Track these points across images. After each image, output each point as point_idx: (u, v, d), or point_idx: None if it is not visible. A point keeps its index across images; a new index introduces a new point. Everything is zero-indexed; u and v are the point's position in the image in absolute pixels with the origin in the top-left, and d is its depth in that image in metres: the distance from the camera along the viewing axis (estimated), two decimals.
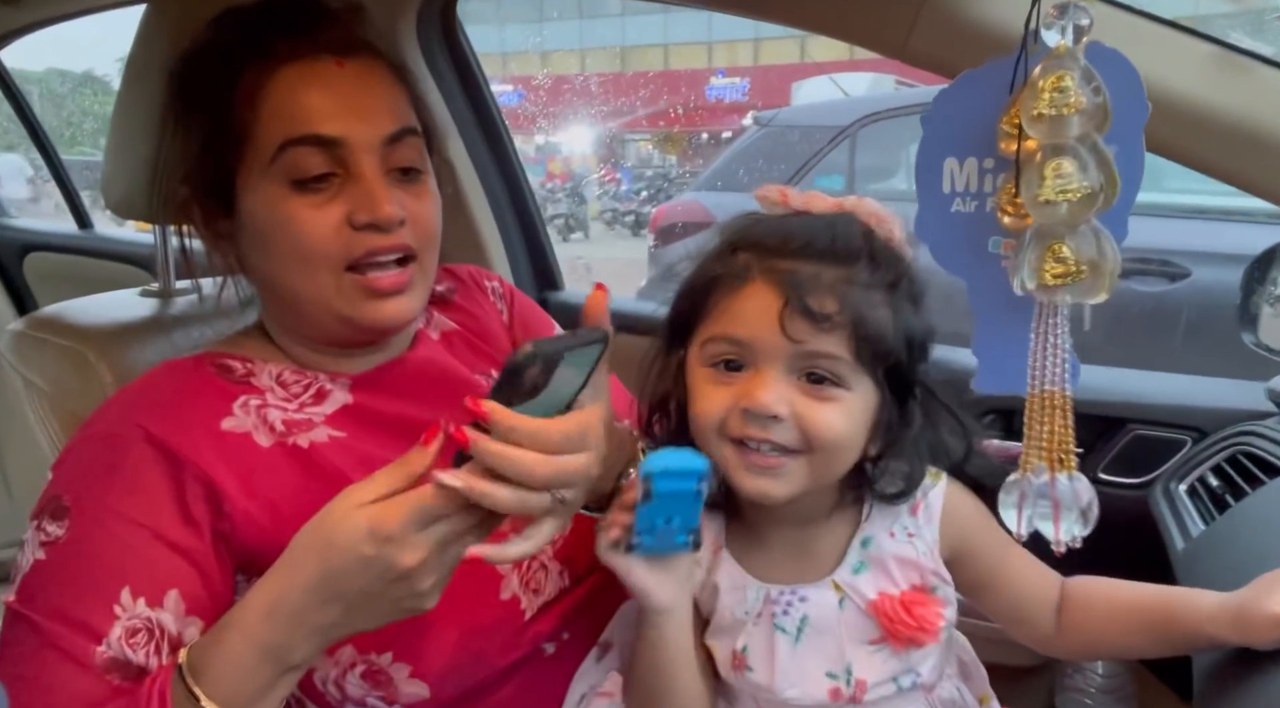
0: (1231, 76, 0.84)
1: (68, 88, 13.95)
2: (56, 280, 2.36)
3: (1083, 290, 0.44)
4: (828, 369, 0.69)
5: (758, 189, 0.76)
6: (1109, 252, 0.43)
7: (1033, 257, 0.44)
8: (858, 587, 0.76)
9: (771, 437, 0.70)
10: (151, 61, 0.97)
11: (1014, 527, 0.49)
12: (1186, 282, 2.83)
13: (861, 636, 0.75)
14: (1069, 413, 0.46)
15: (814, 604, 0.76)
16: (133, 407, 0.79)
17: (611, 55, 20.76)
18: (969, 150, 0.48)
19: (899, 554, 0.77)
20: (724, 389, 0.72)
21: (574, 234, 11.04)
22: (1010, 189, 0.45)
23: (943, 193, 0.49)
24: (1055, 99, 0.42)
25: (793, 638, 0.76)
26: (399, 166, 0.82)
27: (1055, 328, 0.45)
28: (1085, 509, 0.46)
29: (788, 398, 0.69)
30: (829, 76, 5.78)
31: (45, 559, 0.73)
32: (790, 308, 0.68)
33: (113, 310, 1.08)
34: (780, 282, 0.69)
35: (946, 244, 0.49)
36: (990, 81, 0.46)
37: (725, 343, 0.72)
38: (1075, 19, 0.41)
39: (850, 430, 0.71)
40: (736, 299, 0.71)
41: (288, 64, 0.79)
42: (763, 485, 0.71)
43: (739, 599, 0.78)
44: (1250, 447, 1.05)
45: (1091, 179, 0.42)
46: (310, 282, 0.80)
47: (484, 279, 1.07)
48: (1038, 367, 0.46)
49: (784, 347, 0.69)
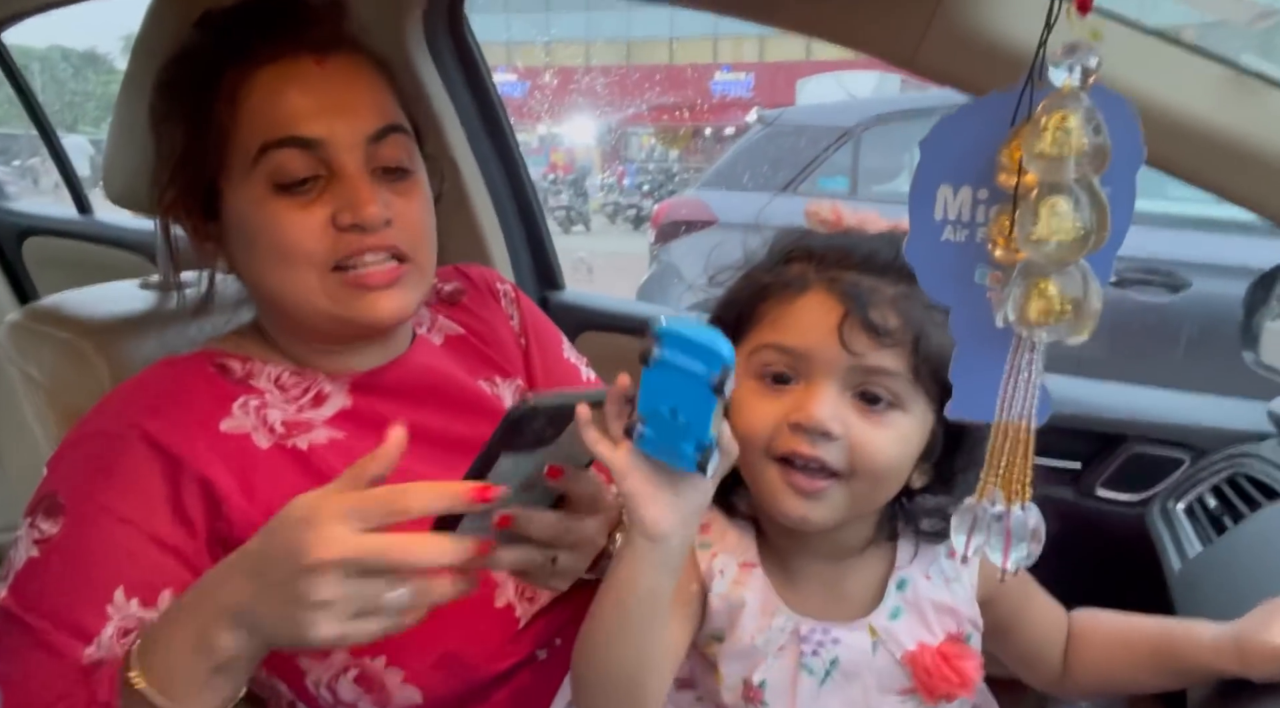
0: (1242, 98, 0.84)
1: (70, 70, 13.90)
2: (56, 266, 2.35)
3: (1063, 330, 0.44)
4: (885, 387, 0.66)
5: (808, 204, 0.73)
6: (1093, 293, 0.44)
7: (1018, 291, 0.44)
8: (895, 634, 0.71)
9: (820, 455, 0.65)
10: (157, 50, 0.96)
11: (961, 551, 0.49)
12: (1187, 293, 2.84)
13: (891, 685, 0.71)
14: (1030, 447, 0.46)
15: (846, 647, 0.71)
16: (130, 405, 0.79)
17: (617, 48, 20.72)
18: (964, 179, 0.48)
19: (937, 600, 0.73)
20: (772, 403, 0.67)
21: (575, 227, 11.04)
22: (1004, 222, 0.45)
23: (934, 219, 0.49)
24: (1058, 138, 0.41)
25: (818, 680, 0.70)
26: (385, 166, 0.81)
27: (1030, 363, 0.45)
28: (1034, 534, 0.47)
29: (842, 416, 0.65)
30: (834, 76, 5.77)
31: (39, 557, 0.73)
32: (851, 318, 0.65)
33: (111, 303, 1.07)
34: (842, 291, 0.66)
35: (934, 270, 0.50)
36: (991, 113, 0.46)
37: (776, 353, 0.68)
38: (1083, 60, 0.41)
39: (901, 457, 0.67)
40: (792, 308, 0.68)
41: (266, 65, 0.78)
42: (803, 509, 0.67)
43: (763, 625, 0.71)
44: (1249, 469, 1.05)
45: (1085, 221, 0.42)
46: (296, 283, 0.79)
47: (496, 283, 1.06)
48: (1007, 398, 0.46)
49: (841, 359, 0.65)
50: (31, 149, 8.43)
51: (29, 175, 8.92)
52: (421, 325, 0.97)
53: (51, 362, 1.00)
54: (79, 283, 1.15)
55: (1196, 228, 2.95)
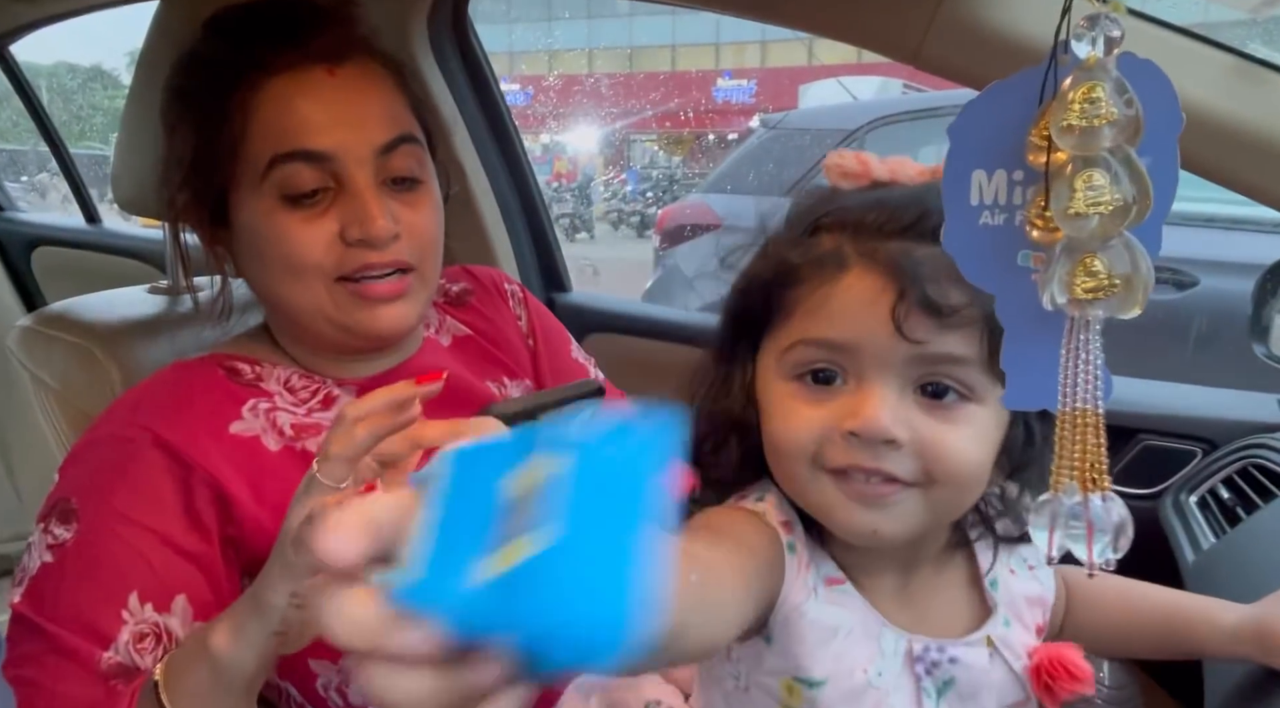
0: (1251, 87, 0.83)
1: (76, 82, 13.98)
2: (64, 275, 2.36)
3: (1115, 305, 0.43)
4: (954, 378, 0.55)
5: (829, 156, 0.61)
6: (1142, 265, 0.42)
7: (1063, 271, 0.43)
8: (1010, 644, 0.62)
9: (883, 467, 0.55)
10: (163, 57, 0.97)
11: (1045, 549, 0.46)
12: (1195, 290, 2.82)
13: (1004, 699, 0.62)
14: (1101, 431, 0.44)
15: (964, 666, 0.60)
16: (141, 409, 0.79)
17: (619, 56, 20.76)
18: (997, 162, 0.46)
19: (1028, 594, 0.65)
20: (816, 409, 0.56)
21: (579, 234, 11.04)
22: (1040, 202, 0.44)
23: (970, 205, 0.47)
24: (1086, 110, 0.40)
25: (934, 704, 0.60)
26: (395, 176, 0.80)
27: (1087, 344, 0.43)
28: (1119, 530, 0.45)
29: (906, 418, 0.55)
30: (837, 79, 5.77)
31: (53, 563, 0.73)
32: (906, 299, 0.53)
33: (121, 307, 1.07)
34: (890, 267, 0.54)
35: (974, 256, 0.48)
36: (1019, 93, 0.45)
37: (817, 348, 0.56)
38: (1106, 30, 0.41)
39: (984, 458, 0.56)
40: (831, 292, 0.56)
41: (277, 75, 0.78)
42: (872, 522, 0.56)
43: (872, 654, 0.59)
44: (1262, 459, 1.04)
45: (1124, 191, 0.41)
46: (303, 293, 0.79)
47: (504, 283, 1.06)
48: (1069, 384, 0.44)
49: (898, 350, 0.54)
50: (39, 164, 8.47)
51: (37, 190, 8.97)
52: (429, 327, 0.97)
53: (62, 366, 1.00)
54: (87, 291, 1.16)
55: (1203, 225, 2.94)
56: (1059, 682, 0.61)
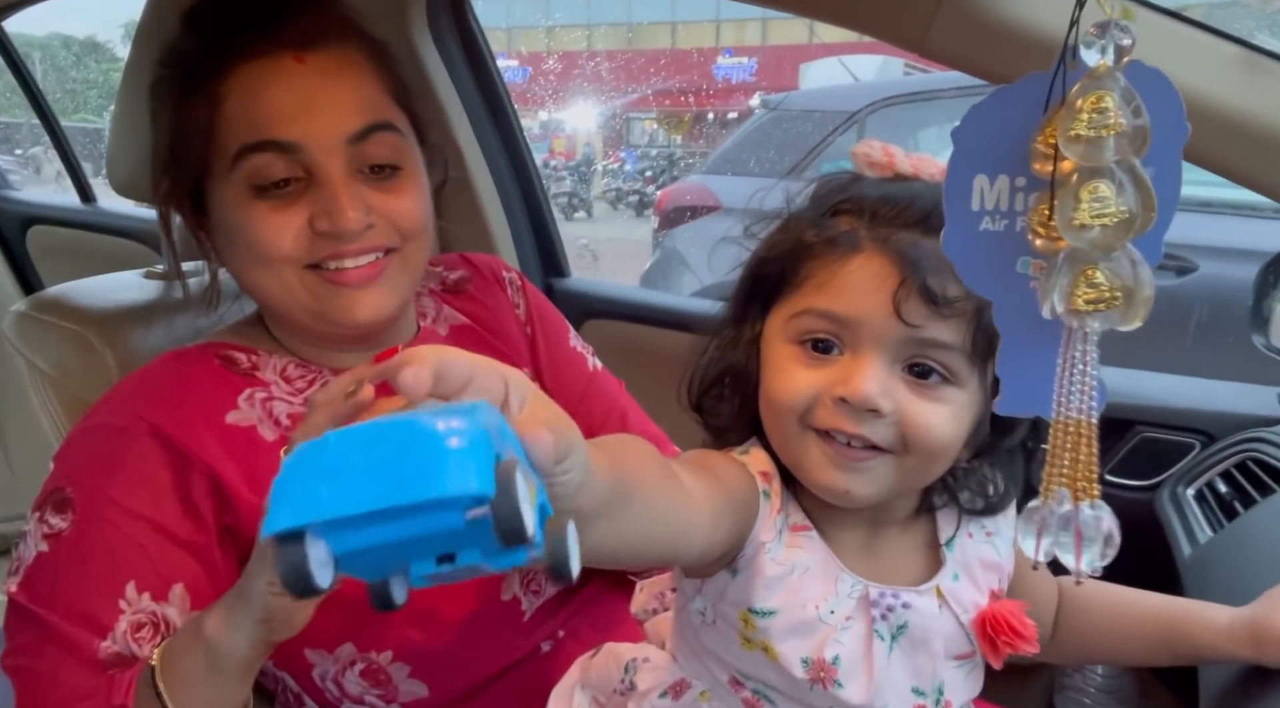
0: (1258, 79, 0.82)
1: (71, 55, 13.85)
2: (59, 255, 2.34)
3: (1115, 317, 0.42)
4: (940, 362, 0.61)
5: (857, 145, 0.66)
6: (1144, 278, 0.42)
7: (1065, 281, 0.42)
8: (957, 596, 0.67)
9: (865, 433, 0.60)
10: (158, 39, 0.96)
11: (1032, 554, 0.47)
12: (1194, 276, 2.82)
13: (953, 649, 0.67)
14: (1094, 442, 0.44)
15: (916, 611, 0.65)
16: (136, 398, 0.79)
17: (619, 32, 20.59)
18: (1000, 168, 0.46)
19: (983, 557, 0.69)
20: (813, 372, 0.62)
21: (577, 213, 11.00)
22: (1044, 210, 0.43)
23: (971, 210, 0.47)
24: (1094, 120, 0.40)
25: (887, 647, 0.65)
26: (371, 164, 0.79)
27: (1084, 354, 0.43)
28: (1107, 539, 0.45)
29: (891, 391, 0.60)
30: (838, 59, 5.73)
31: (49, 552, 0.73)
32: (908, 286, 0.59)
33: (117, 293, 1.06)
34: (898, 254, 0.60)
35: (973, 262, 0.48)
36: (1024, 98, 0.44)
37: (821, 319, 0.62)
38: (1117, 39, 0.40)
39: (956, 435, 0.62)
40: (841, 270, 0.61)
41: (247, 63, 0.77)
42: (845, 482, 0.62)
43: (827, 592, 0.64)
44: (1260, 453, 1.04)
45: (1129, 203, 0.40)
46: (273, 280, 0.79)
47: (502, 271, 1.05)
48: (1064, 393, 0.44)
49: (894, 330, 0.60)
50: (33, 138, 8.41)
51: (31, 164, 8.91)
52: (426, 316, 0.96)
53: (57, 351, 1.00)
54: (82, 272, 1.15)
55: (1203, 211, 2.93)
56: (1001, 636, 0.66)
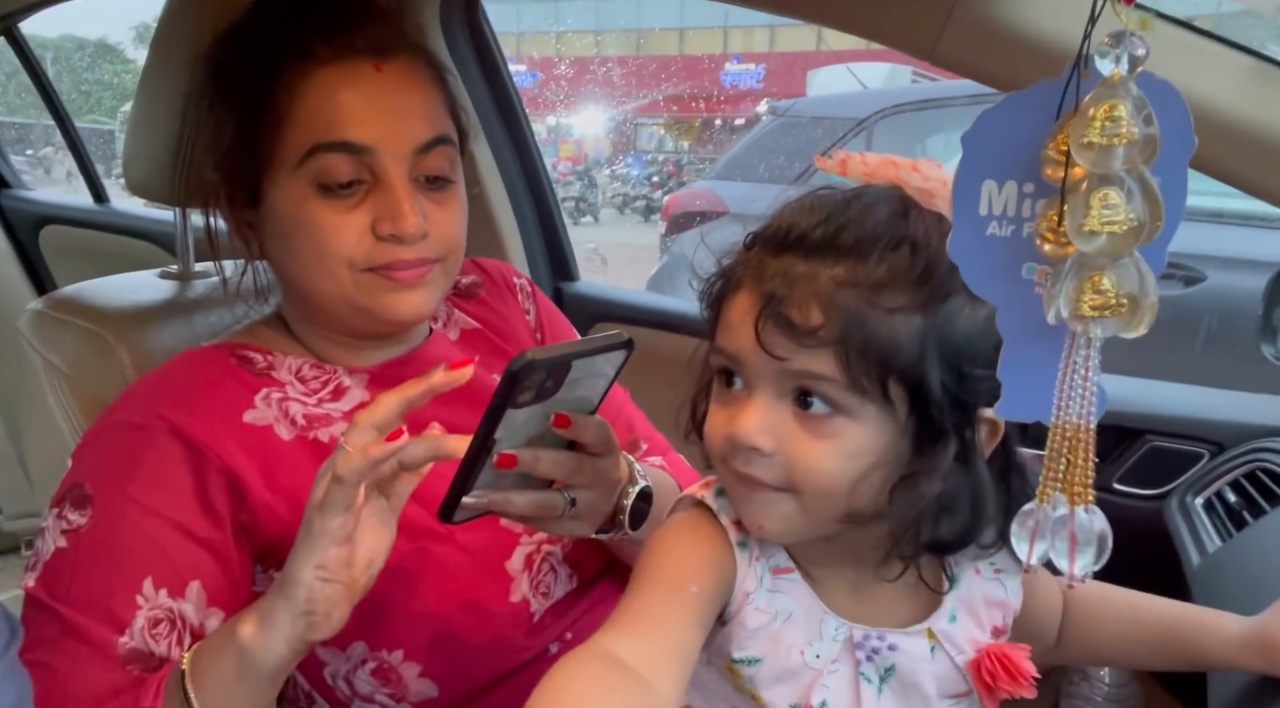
0: (1269, 90, 0.83)
1: (83, 56, 13.91)
2: (72, 255, 2.36)
3: (1119, 324, 0.43)
4: (819, 392, 0.57)
5: (817, 161, 0.65)
6: (1149, 286, 0.42)
7: (1071, 286, 0.43)
8: (953, 637, 0.66)
9: (753, 472, 0.59)
10: (179, 39, 0.96)
11: (1024, 558, 0.48)
12: (1202, 286, 2.82)
13: (948, 689, 0.66)
14: (1091, 448, 0.45)
15: (904, 654, 0.64)
16: (155, 396, 0.80)
17: (628, 37, 20.64)
18: (1009, 173, 0.47)
19: (988, 595, 0.68)
20: (721, 410, 0.62)
21: (584, 218, 11.02)
22: (1052, 216, 0.44)
23: (979, 215, 0.47)
24: (1107, 128, 0.40)
25: (875, 688, 0.64)
26: (427, 175, 0.81)
27: (1086, 360, 0.44)
28: (1101, 542, 0.46)
29: (775, 428, 0.58)
30: (846, 66, 5.74)
31: (67, 547, 0.74)
32: (765, 317, 0.57)
33: (132, 292, 1.07)
34: (759, 286, 0.59)
35: (979, 266, 0.48)
36: (1035, 104, 0.45)
37: (721, 356, 0.62)
38: (1131, 49, 0.40)
39: (841, 472, 0.58)
40: (729, 306, 0.61)
41: (325, 66, 0.78)
42: (758, 518, 0.61)
43: (812, 636, 0.64)
44: (1270, 463, 1.04)
45: (1138, 211, 0.41)
46: (330, 281, 0.80)
47: (513, 277, 1.07)
48: (1063, 398, 0.45)
49: (767, 364, 0.58)
50: (45, 138, 8.45)
51: (42, 165, 8.96)
52: (438, 320, 0.97)
53: (73, 350, 1.01)
54: (96, 272, 1.16)
55: (1213, 221, 2.92)
56: (998, 679, 0.65)
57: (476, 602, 0.82)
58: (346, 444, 0.63)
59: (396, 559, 0.71)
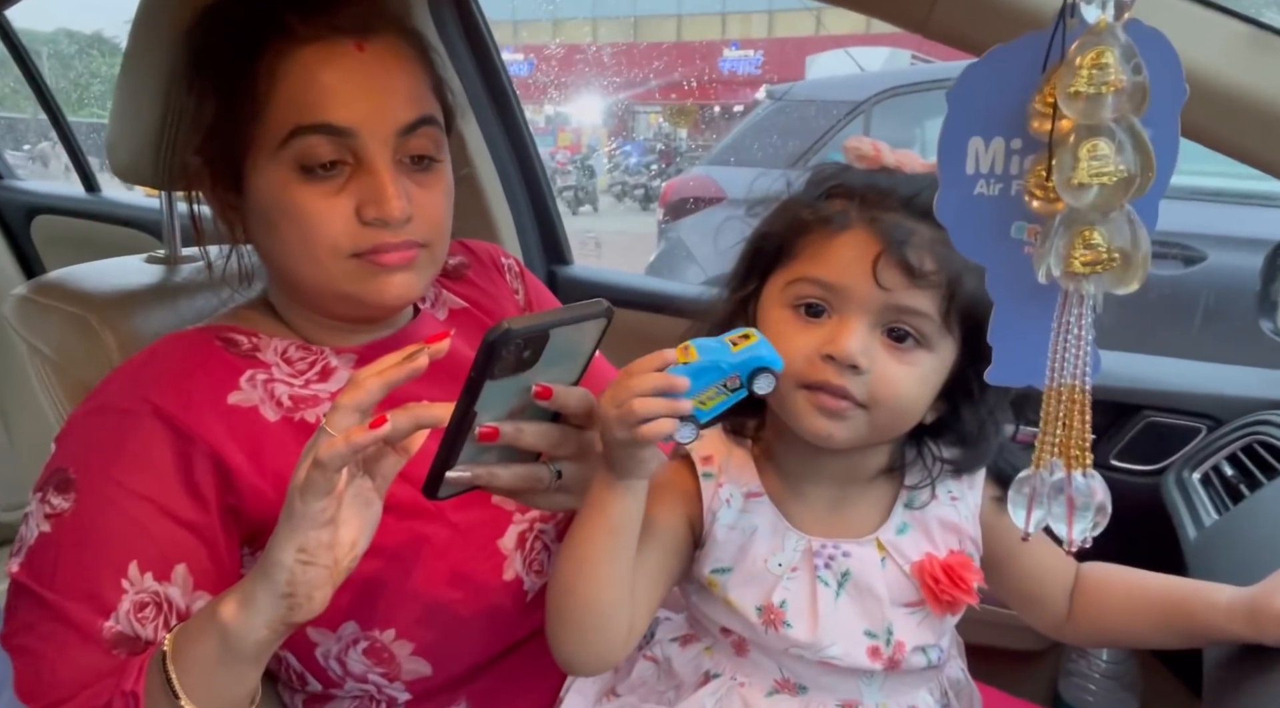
0: (1267, 58, 0.81)
1: (75, 49, 13.85)
2: (64, 244, 2.35)
3: (1112, 280, 0.41)
4: (913, 326, 0.68)
5: (849, 140, 0.74)
6: (1142, 239, 0.41)
7: (1061, 243, 0.41)
8: (901, 547, 0.75)
9: (846, 385, 0.68)
10: (159, 22, 0.95)
11: (1022, 524, 0.47)
12: (1203, 265, 2.80)
13: (900, 597, 0.74)
14: (1087, 408, 0.43)
15: (857, 560, 0.74)
16: (139, 380, 0.79)
17: (624, 24, 20.53)
18: (996, 130, 0.45)
19: (942, 517, 0.76)
20: (805, 334, 0.69)
21: (583, 207, 10.98)
22: (1041, 172, 0.42)
23: (966, 174, 0.46)
24: (1094, 77, 0.39)
25: (833, 592, 0.74)
26: (411, 155, 0.80)
27: (1079, 319, 0.42)
28: (1099, 508, 0.44)
29: (870, 350, 0.68)
30: (845, 50, 5.71)
31: (51, 532, 0.73)
32: (886, 256, 0.67)
33: (118, 277, 1.06)
34: (881, 230, 0.67)
35: (967, 227, 0.47)
36: (1022, 58, 0.43)
37: (813, 285, 0.70)
38: None
39: (919, 395, 0.70)
40: (832, 243, 0.69)
41: (306, 45, 0.77)
42: (828, 428, 0.69)
43: (775, 548, 0.75)
44: (1266, 436, 1.04)
45: (1128, 162, 0.40)
46: (316, 269, 0.79)
47: (500, 257, 1.06)
48: (1057, 359, 0.44)
49: (875, 296, 0.67)
50: (40, 133, 8.43)
51: (39, 159, 8.94)
52: (425, 300, 0.96)
53: (59, 335, 1.00)
54: (87, 260, 1.14)
55: (1212, 200, 2.91)
56: (941, 585, 0.72)
57: (469, 580, 0.82)
58: (328, 426, 0.62)
59: (387, 538, 0.70)
